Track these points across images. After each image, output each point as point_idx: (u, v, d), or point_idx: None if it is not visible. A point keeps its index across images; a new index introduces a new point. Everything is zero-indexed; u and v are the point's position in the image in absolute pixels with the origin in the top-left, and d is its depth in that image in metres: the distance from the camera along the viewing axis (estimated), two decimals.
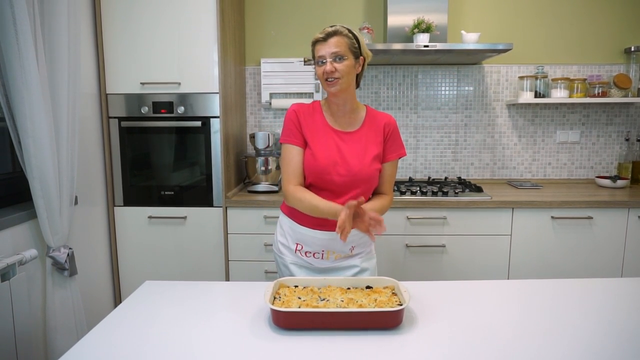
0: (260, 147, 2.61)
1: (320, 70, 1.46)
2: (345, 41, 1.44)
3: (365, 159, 1.50)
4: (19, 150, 1.69)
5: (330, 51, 1.43)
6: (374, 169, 1.52)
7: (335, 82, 1.44)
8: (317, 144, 1.50)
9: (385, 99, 2.91)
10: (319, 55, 1.45)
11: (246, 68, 2.91)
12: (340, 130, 1.53)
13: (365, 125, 1.55)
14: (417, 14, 2.58)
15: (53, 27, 1.74)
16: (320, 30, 1.47)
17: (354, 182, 1.49)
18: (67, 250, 1.82)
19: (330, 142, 1.51)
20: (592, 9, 2.82)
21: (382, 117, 1.57)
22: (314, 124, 1.53)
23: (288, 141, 1.52)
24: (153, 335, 1.10)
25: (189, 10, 2.29)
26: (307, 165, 1.51)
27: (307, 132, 1.52)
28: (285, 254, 1.61)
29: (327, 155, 1.49)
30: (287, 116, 1.54)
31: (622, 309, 1.23)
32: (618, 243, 2.36)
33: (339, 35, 1.44)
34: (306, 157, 1.51)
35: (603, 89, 2.69)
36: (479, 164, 2.96)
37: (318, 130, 1.52)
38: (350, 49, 1.45)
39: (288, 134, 1.52)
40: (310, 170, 1.50)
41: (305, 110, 1.55)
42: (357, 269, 1.58)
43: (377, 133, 1.55)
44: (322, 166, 1.48)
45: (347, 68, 1.44)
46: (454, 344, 1.04)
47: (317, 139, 1.51)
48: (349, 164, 1.49)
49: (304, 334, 1.08)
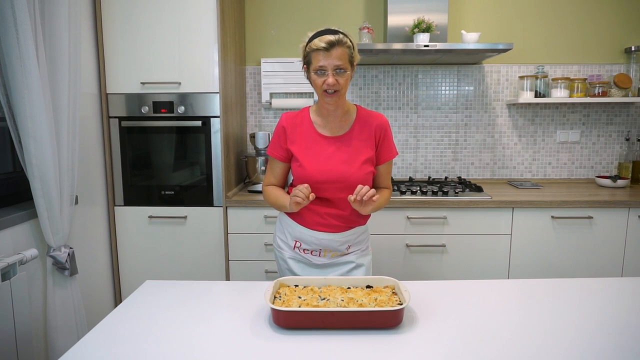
0: (261, 146, 2.61)
1: (319, 81, 1.43)
2: (346, 53, 1.42)
3: (354, 163, 1.51)
4: (20, 149, 1.69)
5: (334, 64, 1.40)
6: (365, 173, 1.52)
7: (335, 95, 1.44)
8: (305, 154, 1.52)
9: (386, 98, 2.91)
10: (319, 65, 1.41)
11: (246, 68, 2.91)
12: (330, 136, 1.54)
13: (355, 127, 1.55)
14: (417, 13, 2.58)
15: (53, 27, 1.74)
16: (318, 34, 1.42)
17: (345, 187, 1.50)
18: (68, 250, 1.83)
19: (319, 149, 1.52)
20: (593, 9, 2.82)
21: (374, 117, 1.56)
22: (302, 134, 1.54)
23: (271, 154, 1.61)
24: (153, 334, 1.10)
25: (189, 10, 2.29)
26: (297, 176, 1.55)
27: (295, 144, 1.54)
28: (284, 249, 1.64)
29: (315, 164, 1.50)
30: (276, 130, 1.59)
31: (622, 308, 1.23)
32: (618, 243, 2.36)
33: (342, 47, 1.40)
34: (295, 169, 1.55)
35: (603, 88, 2.69)
36: (479, 164, 2.96)
37: (306, 139, 1.54)
38: (349, 60, 1.44)
39: (273, 147, 1.60)
40: (300, 178, 1.53)
41: (293, 120, 1.56)
42: (353, 264, 1.61)
43: (369, 135, 1.54)
44: (311, 175, 1.50)
45: (347, 80, 1.45)
46: (454, 344, 1.05)
47: (305, 149, 1.53)
48: (337, 170, 1.50)
49: (305, 334, 1.08)
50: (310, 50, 1.43)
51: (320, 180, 1.50)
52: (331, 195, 1.52)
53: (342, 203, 1.53)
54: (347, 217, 1.56)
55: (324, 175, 1.50)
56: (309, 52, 1.44)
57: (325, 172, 1.50)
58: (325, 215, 1.55)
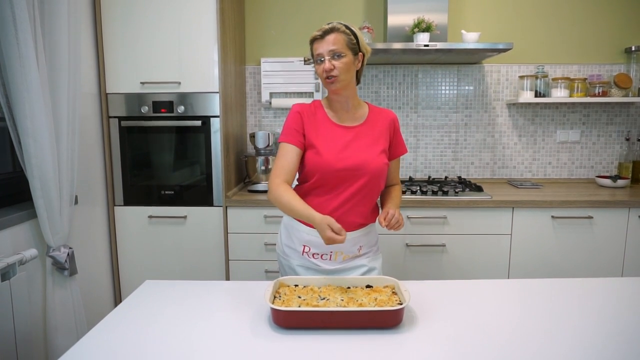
0: (261, 146, 2.61)
1: (319, 69, 1.45)
2: (342, 38, 1.43)
3: (372, 151, 1.49)
4: (19, 150, 1.69)
5: (328, 49, 1.42)
6: (382, 163, 1.50)
7: (334, 80, 1.44)
8: (321, 141, 1.48)
9: (386, 98, 2.91)
10: (317, 54, 1.45)
11: (246, 67, 2.91)
12: (346, 126, 1.52)
13: (369, 120, 1.55)
14: (417, 13, 2.58)
15: (53, 27, 1.74)
16: (318, 28, 1.46)
17: (362, 175, 1.47)
18: (67, 250, 1.83)
19: (336, 138, 1.49)
20: (593, 9, 2.82)
21: (387, 112, 1.59)
22: (317, 122, 1.51)
23: (286, 140, 1.49)
24: (153, 334, 1.10)
25: (189, 10, 2.29)
26: (312, 162, 1.48)
27: (311, 132, 1.49)
28: (291, 256, 1.57)
29: (331, 148, 1.47)
30: (290, 117, 1.51)
31: (622, 308, 1.23)
32: (618, 243, 2.36)
33: (336, 32, 1.42)
34: (311, 157, 1.48)
35: (603, 88, 2.69)
36: (479, 164, 2.96)
37: (320, 126, 1.51)
38: (348, 45, 1.43)
39: (288, 133, 1.49)
40: (316, 166, 1.47)
41: (308, 109, 1.53)
42: (366, 268, 1.55)
43: (384, 128, 1.55)
44: (328, 162, 1.45)
45: (346, 65, 1.43)
46: (454, 343, 1.04)
47: (321, 135, 1.49)
48: (357, 157, 1.47)
49: (304, 333, 1.08)
50: (311, 44, 1.48)
51: (339, 168, 1.45)
52: (348, 185, 1.47)
53: (358, 194, 1.48)
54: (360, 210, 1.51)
55: (342, 162, 1.45)
56: (311, 46, 1.48)
57: (343, 159, 1.46)
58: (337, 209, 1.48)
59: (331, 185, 1.48)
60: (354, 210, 1.50)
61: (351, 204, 1.49)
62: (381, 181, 1.54)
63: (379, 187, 1.55)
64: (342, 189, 1.48)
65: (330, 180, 1.47)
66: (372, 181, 1.49)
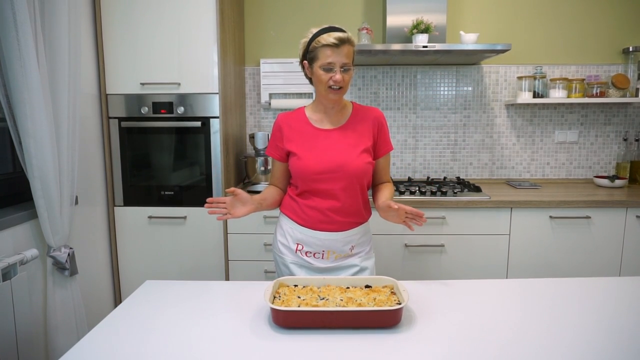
0: (260, 147, 2.62)
1: (326, 77, 1.45)
2: (352, 51, 1.47)
3: (353, 152, 1.52)
4: (20, 150, 1.69)
5: (342, 61, 1.44)
6: (365, 162, 1.52)
7: (339, 91, 1.48)
8: (301, 147, 1.53)
9: (384, 99, 2.92)
10: (328, 62, 1.43)
11: (246, 68, 2.92)
12: (327, 129, 1.56)
13: (352, 120, 1.57)
14: (416, 14, 2.59)
15: (53, 27, 1.75)
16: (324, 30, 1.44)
17: (344, 177, 1.50)
18: (68, 250, 1.83)
19: (316, 142, 1.53)
20: (591, 10, 2.83)
21: (371, 110, 1.60)
22: (299, 131, 1.56)
23: (269, 154, 1.65)
24: (153, 334, 1.10)
25: (189, 10, 2.29)
26: (294, 169, 1.55)
27: (291, 141, 1.55)
28: (285, 253, 1.61)
29: (312, 156, 1.51)
30: (272, 130, 1.63)
31: (620, 307, 1.24)
32: (616, 242, 2.37)
33: (349, 44, 1.45)
34: (292, 163, 1.55)
35: (601, 89, 2.70)
36: (478, 164, 2.96)
37: (303, 135, 1.55)
38: (353, 58, 1.49)
39: (270, 147, 1.64)
40: (298, 173, 1.53)
41: (289, 119, 1.59)
42: (357, 268, 1.59)
43: (367, 126, 1.57)
44: (308, 166, 1.50)
45: (351, 78, 1.49)
46: (453, 343, 1.05)
47: (301, 142, 1.54)
48: (336, 159, 1.50)
49: (304, 333, 1.09)
50: (318, 46, 1.44)
51: (319, 171, 1.49)
52: (331, 187, 1.51)
53: (342, 195, 1.52)
54: (348, 210, 1.54)
55: (322, 165, 1.49)
56: (317, 48, 1.45)
57: (323, 162, 1.50)
58: (326, 211, 1.53)
59: (316, 188, 1.52)
60: (343, 210, 1.54)
61: (339, 205, 1.53)
62: (365, 180, 1.56)
63: (364, 186, 1.57)
64: (327, 191, 1.52)
65: (313, 183, 1.51)
66: (355, 181, 1.52)
